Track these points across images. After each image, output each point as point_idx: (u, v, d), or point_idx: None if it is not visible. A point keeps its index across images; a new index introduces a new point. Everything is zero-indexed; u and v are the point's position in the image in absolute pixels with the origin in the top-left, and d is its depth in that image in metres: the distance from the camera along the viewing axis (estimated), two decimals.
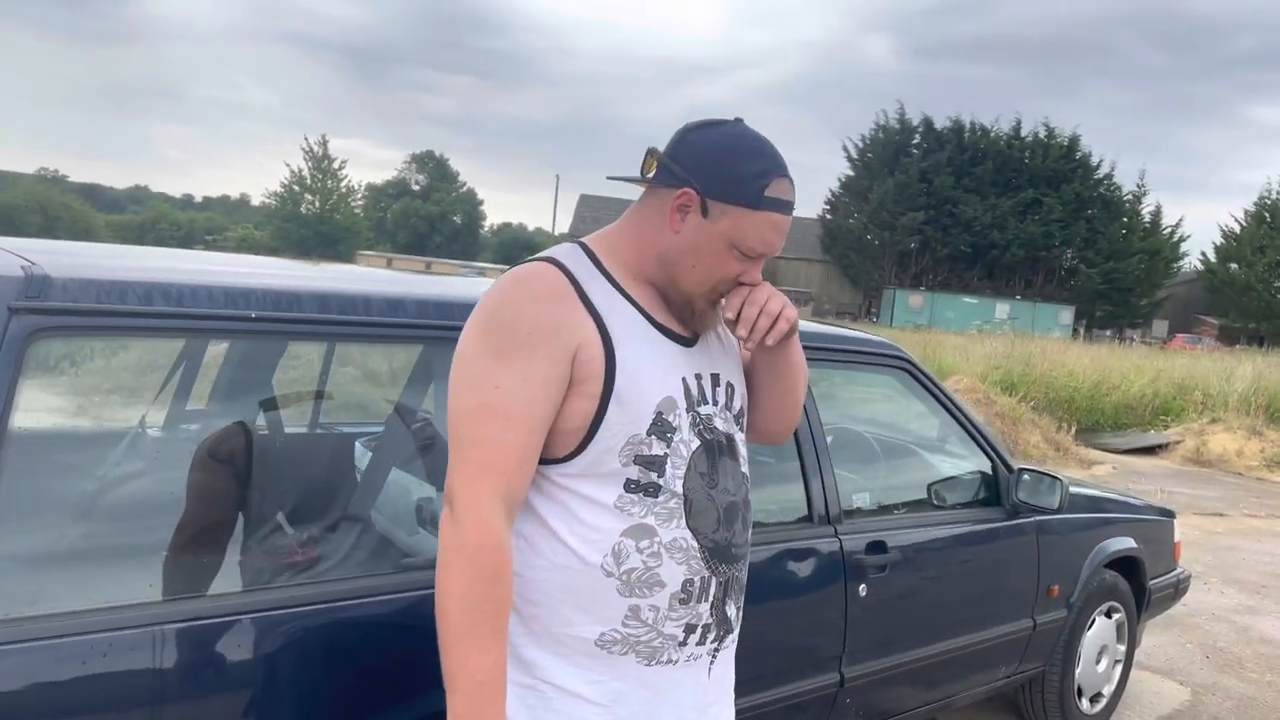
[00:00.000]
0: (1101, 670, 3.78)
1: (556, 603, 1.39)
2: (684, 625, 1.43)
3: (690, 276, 1.43)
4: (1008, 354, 14.31)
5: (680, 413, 1.42)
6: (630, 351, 1.38)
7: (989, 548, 3.14)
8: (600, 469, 1.38)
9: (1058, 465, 10.54)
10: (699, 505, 1.43)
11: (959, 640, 3.04)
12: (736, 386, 1.55)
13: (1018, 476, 3.21)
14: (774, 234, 1.42)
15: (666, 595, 1.40)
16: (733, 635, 1.55)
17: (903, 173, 49.97)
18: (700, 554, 1.43)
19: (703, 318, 1.50)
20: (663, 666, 1.43)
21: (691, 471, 1.42)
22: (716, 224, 1.39)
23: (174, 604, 1.58)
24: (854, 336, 3.04)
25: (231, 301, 1.69)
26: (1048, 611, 3.39)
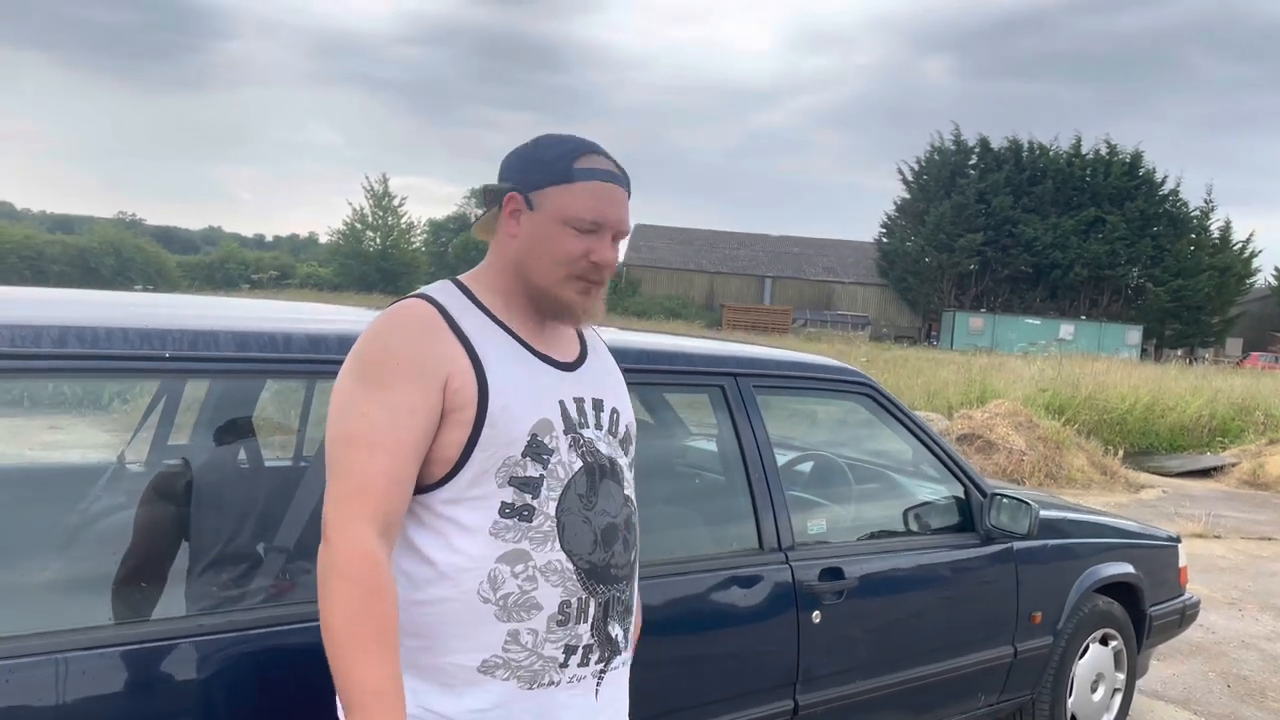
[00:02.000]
0: (1098, 699, 3.71)
1: (437, 634, 1.42)
2: (563, 647, 1.47)
3: (541, 269, 1.48)
4: (1055, 376, 14.03)
5: (558, 435, 1.47)
6: (503, 375, 1.44)
7: (960, 573, 3.12)
8: (474, 493, 1.42)
9: (1103, 489, 10.30)
10: (573, 527, 1.47)
11: (929, 667, 3.01)
12: (621, 412, 1.60)
13: (991, 501, 3.18)
14: (597, 200, 1.47)
15: (544, 618, 1.44)
16: (621, 656, 1.57)
17: (959, 194, 49.38)
18: (576, 575, 1.47)
19: (578, 310, 1.51)
20: (545, 689, 1.46)
21: (569, 493, 1.47)
22: (542, 210, 1.47)
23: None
24: (814, 363, 3.06)
25: (146, 342, 1.79)
26: (1031, 639, 3.35)
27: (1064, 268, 49.02)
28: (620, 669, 1.59)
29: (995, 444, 10.52)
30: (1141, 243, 48.72)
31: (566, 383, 1.52)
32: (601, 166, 1.49)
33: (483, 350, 1.44)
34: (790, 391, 2.97)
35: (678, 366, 2.64)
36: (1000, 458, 10.35)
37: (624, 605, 1.56)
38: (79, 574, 1.91)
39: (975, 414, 11.26)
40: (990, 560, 3.20)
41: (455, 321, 1.46)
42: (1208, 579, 6.68)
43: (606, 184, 1.49)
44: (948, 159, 51.49)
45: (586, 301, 1.52)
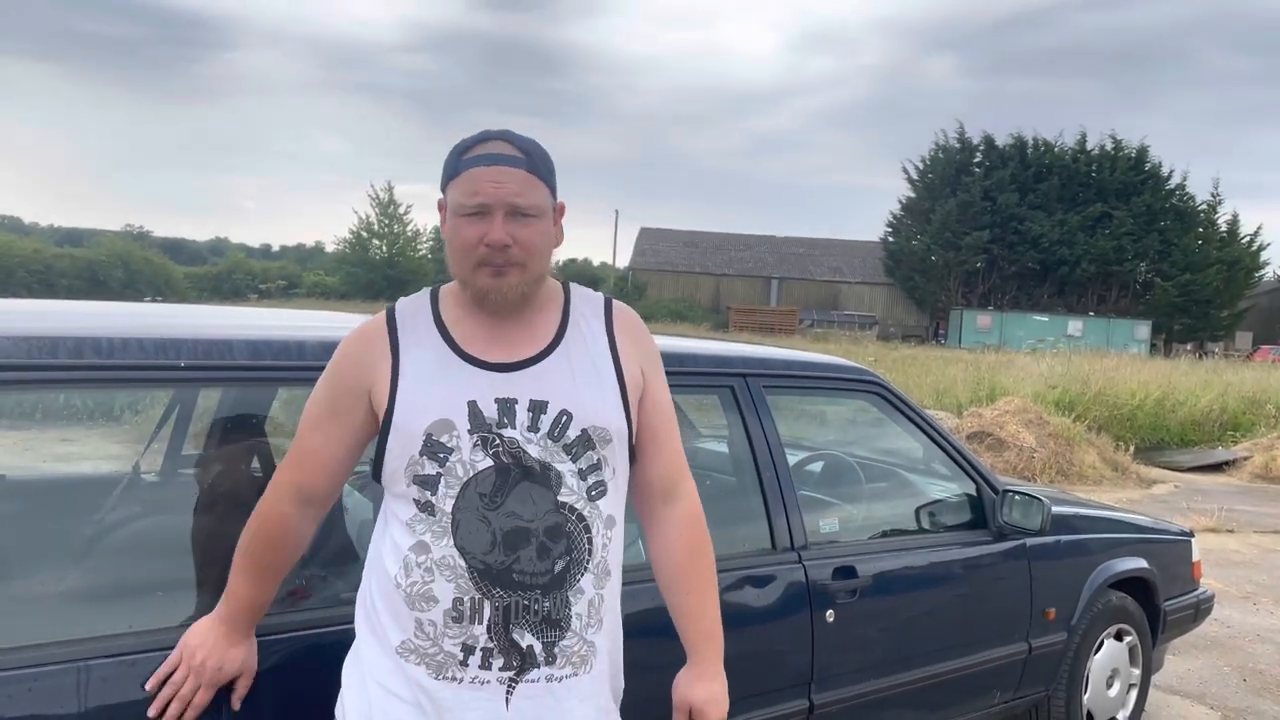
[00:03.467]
0: (1114, 694, 3.70)
1: (381, 610, 1.55)
2: (460, 645, 1.50)
3: (455, 265, 1.55)
4: (1065, 372, 14.00)
5: (459, 434, 1.50)
6: (410, 382, 1.53)
7: (972, 570, 3.12)
8: (397, 488, 1.54)
9: (1115, 485, 10.28)
10: (468, 525, 1.49)
11: (943, 665, 3.01)
12: (575, 415, 1.54)
13: (1003, 497, 3.19)
14: (474, 183, 1.50)
15: (440, 611, 1.49)
16: (543, 670, 1.51)
17: (965, 192, 49.31)
18: (469, 574, 1.49)
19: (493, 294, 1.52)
20: (448, 683, 1.50)
21: (468, 491, 1.49)
22: (448, 209, 1.55)
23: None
24: (823, 362, 3.06)
25: (161, 351, 1.80)
26: (1044, 635, 3.34)
27: (1071, 264, 48.92)
28: (542, 684, 1.52)
29: (1005, 441, 10.50)
30: (1149, 237, 48.58)
31: (491, 382, 1.53)
32: (486, 151, 1.52)
33: (406, 357, 1.56)
34: (800, 391, 2.98)
35: (687, 368, 2.64)
36: (1011, 455, 10.34)
37: (540, 615, 1.50)
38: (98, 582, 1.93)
39: (985, 412, 11.25)
40: (1003, 557, 3.20)
41: (396, 332, 1.59)
42: (1222, 573, 6.66)
43: (488, 167, 1.50)
44: (952, 157, 51.42)
45: (499, 283, 1.52)
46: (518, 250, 1.50)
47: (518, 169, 1.51)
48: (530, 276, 1.54)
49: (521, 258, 1.51)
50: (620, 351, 1.65)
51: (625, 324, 1.70)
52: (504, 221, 1.49)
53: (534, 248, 1.53)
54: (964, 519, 3.22)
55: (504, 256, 1.50)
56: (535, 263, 1.54)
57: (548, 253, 1.58)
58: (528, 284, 1.55)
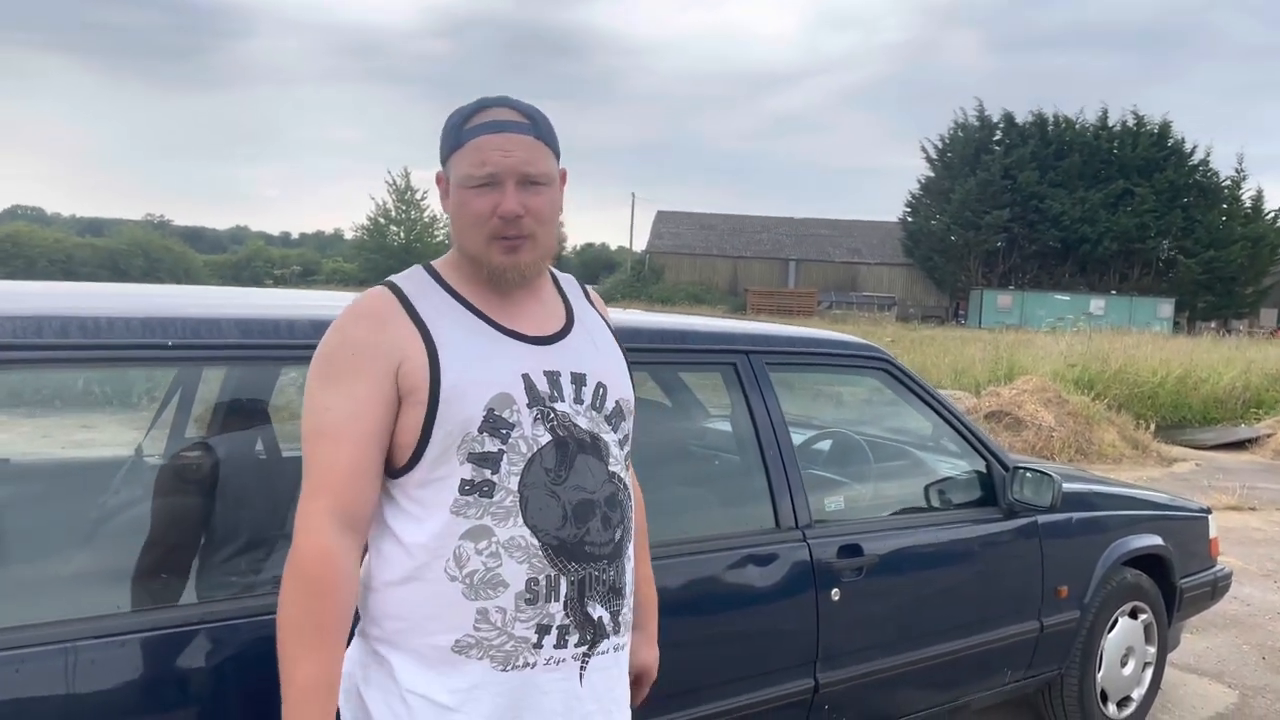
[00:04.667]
0: (1128, 673, 3.66)
1: (412, 613, 1.43)
2: (535, 626, 1.43)
3: (466, 240, 1.47)
4: (1084, 350, 13.86)
5: (519, 408, 1.43)
6: (457, 353, 1.43)
7: (982, 548, 3.08)
8: (439, 472, 1.42)
9: (1135, 464, 10.18)
10: (538, 502, 1.43)
11: (952, 644, 2.98)
12: (610, 387, 1.54)
13: (1013, 474, 3.14)
14: (482, 152, 1.43)
15: (511, 595, 1.41)
16: (610, 640, 1.51)
17: (984, 170, 48.82)
18: (543, 552, 1.43)
19: (508, 270, 1.47)
20: (520, 671, 1.43)
21: (534, 467, 1.43)
22: (452, 180, 1.47)
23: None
24: (829, 339, 3.03)
25: (149, 330, 1.79)
26: (1056, 613, 3.30)
27: (1093, 242, 48.40)
28: (611, 655, 1.52)
29: (1024, 421, 10.41)
30: (1172, 214, 47.99)
31: (536, 355, 1.49)
32: (490, 119, 1.45)
33: (438, 329, 1.44)
34: (805, 368, 2.94)
35: (689, 345, 2.62)
36: (1029, 434, 10.25)
37: (607, 585, 1.50)
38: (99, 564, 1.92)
39: (1003, 391, 11.15)
40: (1013, 534, 3.16)
41: (412, 304, 1.46)
42: (1242, 551, 6.58)
43: (493, 135, 1.44)
44: (972, 135, 50.91)
45: (515, 260, 1.47)
46: (530, 220, 1.46)
47: (525, 135, 1.46)
48: (542, 249, 1.50)
49: (533, 228, 1.47)
50: (610, 327, 1.68)
51: (599, 302, 1.74)
52: (515, 191, 1.44)
53: (545, 217, 1.48)
54: (974, 496, 3.18)
55: (517, 228, 1.44)
56: (545, 233, 1.50)
57: (555, 222, 1.55)
58: (541, 259, 1.52)
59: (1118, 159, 49.48)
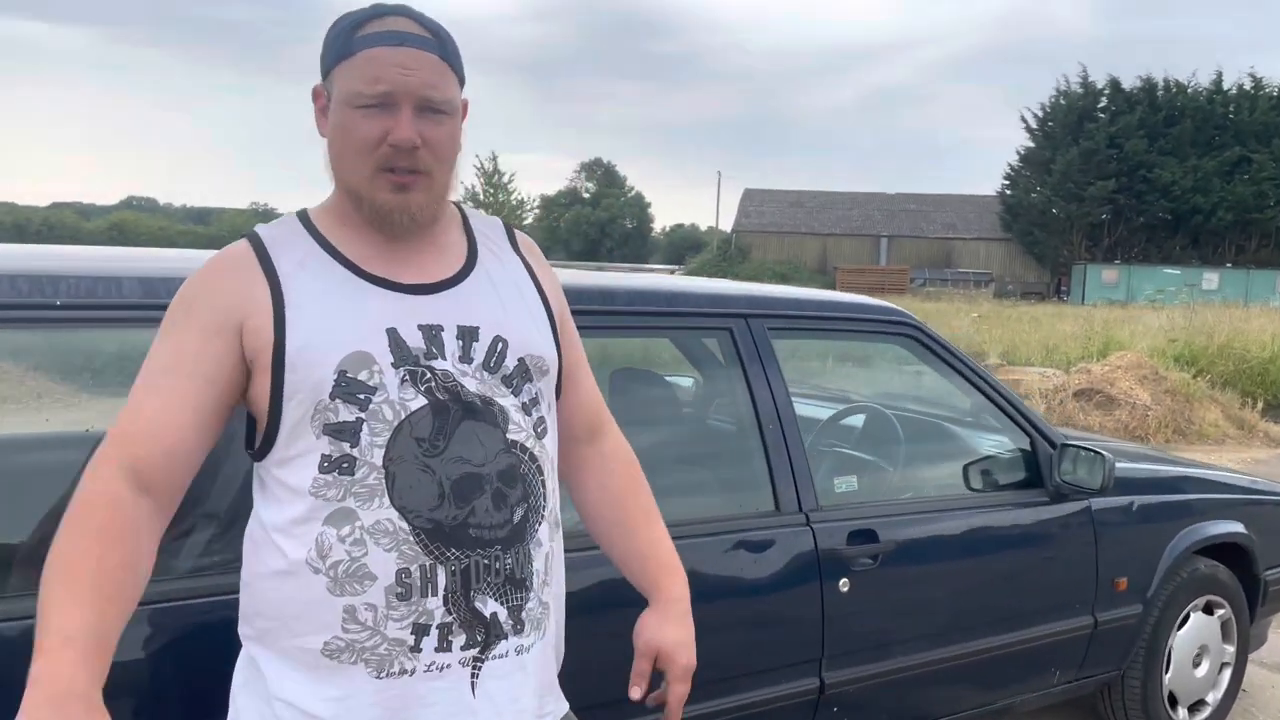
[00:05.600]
0: (1202, 674, 3.29)
1: (280, 612, 1.25)
2: (410, 626, 1.23)
3: (345, 169, 1.27)
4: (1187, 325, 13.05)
5: (382, 369, 1.24)
6: (306, 311, 1.24)
7: (1023, 535, 2.77)
8: (297, 448, 1.24)
9: (1239, 445, 9.50)
10: (407, 478, 1.23)
11: (985, 641, 2.68)
12: (511, 342, 1.32)
13: (1061, 453, 2.81)
14: (376, 66, 1.22)
15: (380, 590, 1.22)
16: (511, 641, 1.29)
17: (1088, 139, 46.73)
18: (414, 537, 1.22)
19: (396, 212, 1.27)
20: (397, 678, 1.23)
21: (402, 437, 1.23)
22: (335, 97, 1.26)
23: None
24: (845, 301, 2.74)
25: (37, 289, 1.63)
26: (1114, 608, 2.97)
27: (1206, 213, 45.96)
28: (513, 659, 1.30)
29: (1116, 399, 9.80)
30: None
31: (411, 307, 1.28)
32: (388, 28, 1.24)
33: (292, 284, 1.26)
34: (815, 334, 2.67)
35: (677, 308, 2.37)
36: (1122, 413, 9.64)
37: (503, 575, 1.27)
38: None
39: (1094, 368, 10.53)
40: (1061, 520, 2.83)
41: (269, 255, 1.28)
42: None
43: (392, 48, 1.23)
44: (1075, 103, 48.77)
45: (404, 199, 1.26)
46: (427, 154, 1.26)
47: (429, 53, 1.26)
48: (438, 190, 1.31)
49: (430, 164, 1.27)
50: (538, 277, 1.45)
51: (530, 248, 1.50)
52: (413, 117, 1.24)
53: (444, 152, 1.29)
54: (1016, 478, 2.87)
55: (411, 161, 1.25)
56: (443, 172, 1.30)
57: (455, 160, 1.33)
58: (436, 201, 1.31)
59: (1233, 124, 46.84)
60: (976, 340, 13.63)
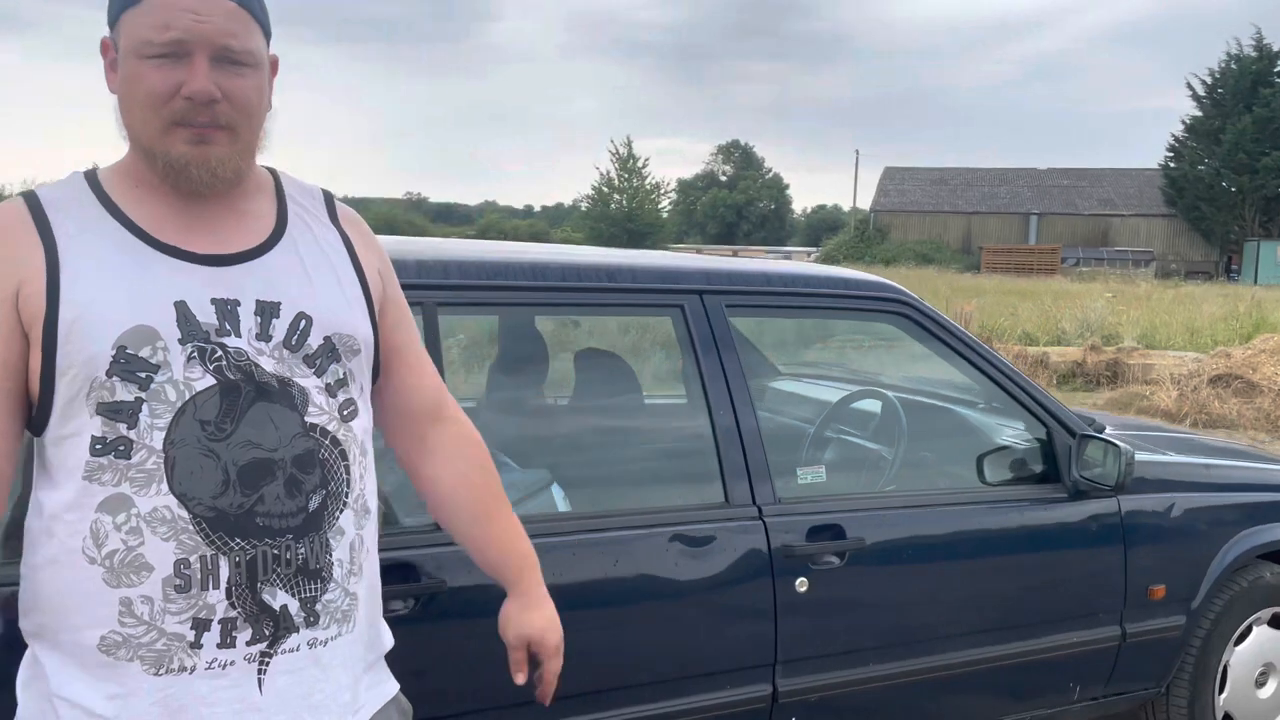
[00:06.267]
0: (1268, 695, 2.91)
1: (56, 604, 1.18)
2: (190, 620, 1.15)
3: (136, 124, 1.18)
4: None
5: (167, 346, 1.15)
6: (83, 280, 1.15)
7: (1030, 535, 2.49)
8: (68, 428, 1.16)
9: None
10: (188, 464, 1.15)
11: (979, 650, 2.43)
12: (316, 320, 1.24)
13: (1080, 445, 2.52)
14: (167, 12, 1.14)
15: (158, 581, 1.14)
16: (303, 635, 1.22)
17: (1263, 106, 43.22)
18: (195, 526, 1.15)
19: (193, 168, 1.18)
20: (176, 676, 1.16)
21: (185, 419, 1.15)
22: (123, 47, 1.18)
23: None
24: (825, 275, 2.51)
25: None
26: (1149, 618, 2.65)
27: None
28: (305, 652, 1.22)
29: (1258, 385, 8.98)
30: None
31: (204, 278, 1.19)
32: None
33: (70, 248, 1.16)
34: (784, 311, 2.45)
35: (620, 284, 2.21)
36: (1265, 401, 8.82)
37: (295, 566, 1.20)
38: None
39: (1235, 352, 9.69)
40: (1081, 520, 2.54)
41: (46, 216, 1.19)
42: None
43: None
44: (1248, 68, 45.18)
45: (204, 152, 1.18)
46: (227, 108, 1.18)
47: (226, 0, 1.18)
48: (242, 147, 1.22)
49: (231, 118, 1.19)
50: (357, 251, 1.35)
51: (352, 220, 1.41)
52: (209, 68, 1.16)
53: (248, 107, 1.20)
54: (1028, 472, 2.59)
55: (209, 114, 1.17)
56: (248, 128, 1.22)
57: (262, 117, 1.25)
58: (240, 156, 1.22)
59: None
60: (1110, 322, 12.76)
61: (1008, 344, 10.74)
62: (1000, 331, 11.88)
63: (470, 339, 5.90)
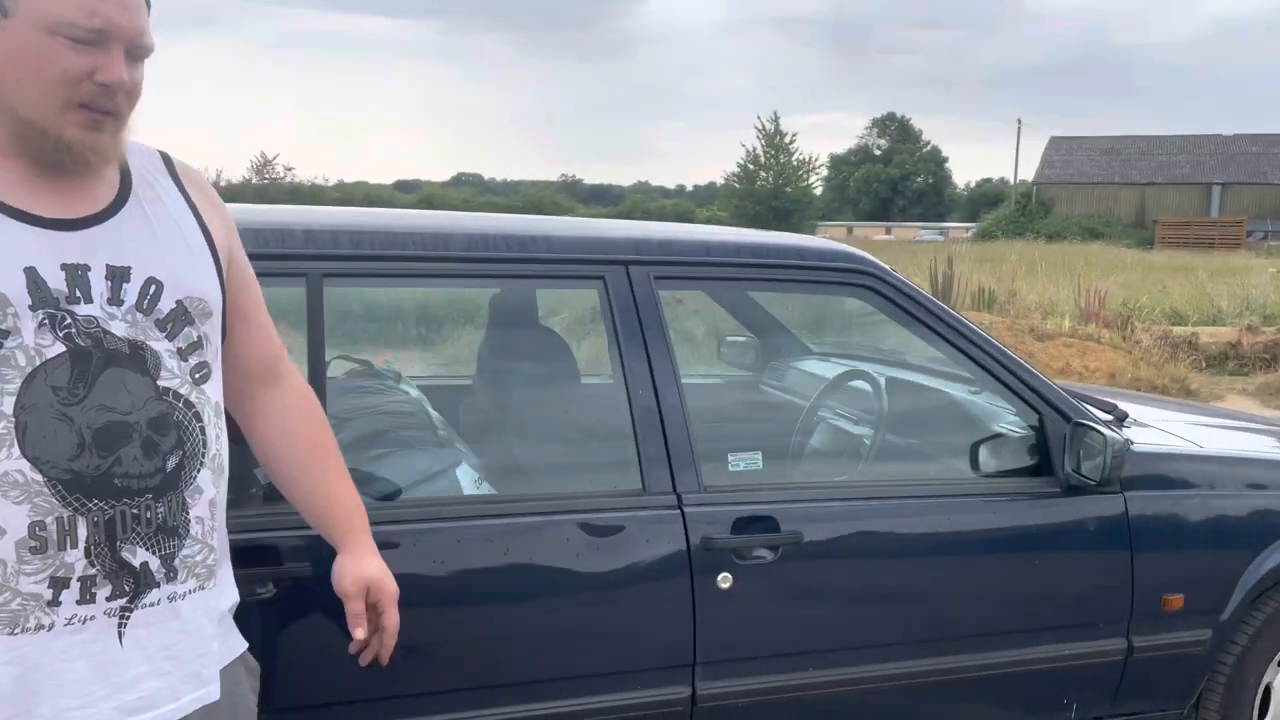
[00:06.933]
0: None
1: None
2: (48, 580, 1.18)
3: (26, 98, 1.17)
4: None
5: (18, 313, 1.17)
6: None
7: (1009, 534, 2.24)
8: None
9: None
10: (39, 428, 1.17)
11: (949, 659, 2.21)
12: (167, 284, 1.27)
13: (1075, 434, 2.24)
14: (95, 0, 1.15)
15: (10, 544, 1.16)
16: (163, 590, 1.26)
17: None
18: (50, 488, 1.17)
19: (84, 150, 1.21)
20: (33, 634, 1.19)
21: (36, 385, 1.17)
22: (20, 15, 1.16)
23: None
24: (787, 245, 2.31)
25: None
26: (1163, 631, 2.35)
27: None
28: (165, 606, 1.26)
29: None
30: None
31: (53, 243, 1.20)
32: None
33: None
34: (725, 284, 2.28)
35: (538, 253, 2.08)
36: None
37: (154, 525, 1.24)
38: None
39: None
40: (1074, 518, 2.26)
41: None
42: None
43: None
44: None
45: (96, 138, 1.21)
46: (123, 98, 1.22)
47: None
48: (123, 133, 1.26)
49: (123, 107, 1.23)
50: (201, 213, 1.37)
51: (196, 183, 1.42)
52: (124, 61, 1.20)
53: (136, 97, 1.26)
54: (1020, 463, 2.31)
55: (111, 103, 1.20)
56: (128, 115, 1.26)
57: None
58: (120, 144, 1.26)
59: None
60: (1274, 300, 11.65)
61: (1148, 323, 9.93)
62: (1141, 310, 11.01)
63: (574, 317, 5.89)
